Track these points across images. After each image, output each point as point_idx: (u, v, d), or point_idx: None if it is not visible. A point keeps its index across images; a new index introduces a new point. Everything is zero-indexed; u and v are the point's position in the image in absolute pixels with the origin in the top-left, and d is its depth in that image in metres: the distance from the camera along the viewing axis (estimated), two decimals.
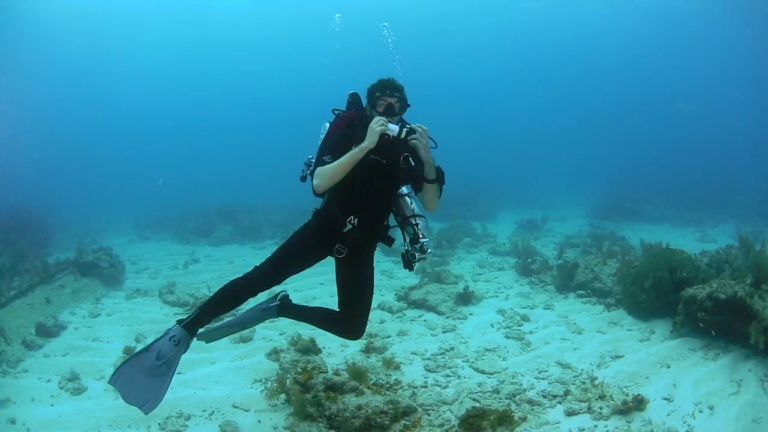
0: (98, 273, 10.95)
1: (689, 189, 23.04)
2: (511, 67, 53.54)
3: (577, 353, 7.00)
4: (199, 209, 19.76)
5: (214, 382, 6.12)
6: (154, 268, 12.76)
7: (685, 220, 18.82)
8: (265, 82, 57.89)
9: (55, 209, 19.59)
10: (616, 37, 42.59)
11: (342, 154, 4.24)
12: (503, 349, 7.19)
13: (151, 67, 51.01)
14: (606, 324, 8.13)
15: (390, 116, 4.33)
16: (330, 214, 4.48)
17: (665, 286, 8.06)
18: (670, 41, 40.73)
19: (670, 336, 7.42)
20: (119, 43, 42.32)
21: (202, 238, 16.91)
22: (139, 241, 17.40)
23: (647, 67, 46.31)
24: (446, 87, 56.38)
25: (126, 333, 8.03)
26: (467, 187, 22.09)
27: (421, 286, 9.57)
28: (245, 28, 41.29)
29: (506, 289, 10.39)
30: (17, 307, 8.69)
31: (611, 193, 23.18)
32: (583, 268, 9.93)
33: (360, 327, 4.83)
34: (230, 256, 14.40)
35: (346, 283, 4.80)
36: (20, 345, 7.31)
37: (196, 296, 9.45)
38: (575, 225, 18.53)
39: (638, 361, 6.61)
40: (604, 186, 26.44)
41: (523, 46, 47.17)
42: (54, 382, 6.18)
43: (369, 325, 8.00)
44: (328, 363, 6.51)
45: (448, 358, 6.85)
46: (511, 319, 8.32)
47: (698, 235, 16.55)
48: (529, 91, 57.15)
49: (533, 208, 21.52)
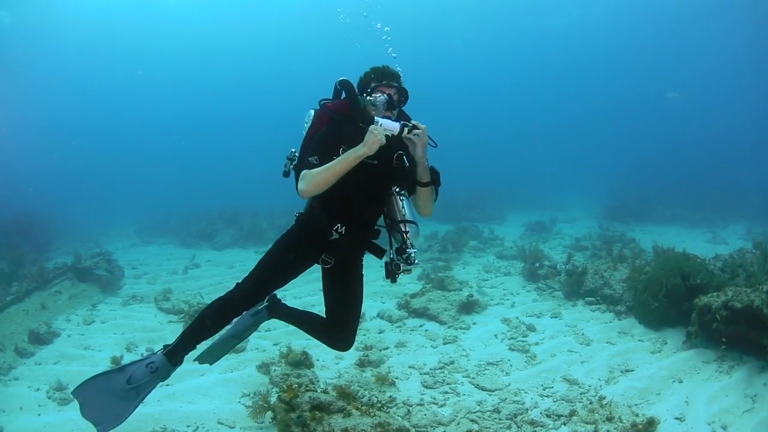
0: (96, 278, 10.75)
1: (698, 188, 22.87)
2: (516, 66, 53.07)
3: (584, 367, 6.66)
4: (202, 212, 19.59)
5: (201, 396, 5.88)
6: (153, 273, 12.58)
7: (695, 220, 18.51)
8: (271, 84, 57.79)
9: (59, 213, 19.59)
10: (622, 32, 42.04)
11: (329, 155, 3.84)
12: (506, 362, 6.84)
13: (156, 70, 51.17)
14: (616, 334, 7.77)
15: (389, 110, 3.89)
16: (314, 222, 4.07)
17: (678, 293, 7.71)
18: (676, 34, 40.14)
19: (682, 347, 7.08)
20: (123, 47, 42.45)
21: (204, 242, 16.70)
22: (141, 244, 17.28)
23: (655, 63, 45.68)
24: (451, 86, 56.13)
25: (118, 341, 7.85)
26: (474, 188, 21.98)
27: (423, 294, 9.22)
28: (252, 29, 41.16)
29: (512, 295, 10.06)
30: (12, 313, 8.58)
31: (620, 192, 23.00)
32: (592, 274, 9.57)
33: (348, 338, 4.42)
34: (231, 260, 14.16)
35: (333, 293, 4.40)
36: (12, 352, 7.22)
37: (191, 303, 9.18)
38: (584, 226, 18.24)
39: (649, 375, 6.28)
40: (613, 184, 26.42)
41: (529, 44, 46.75)
42: (42, 391, 6.08)
43: (366, 335, 7.77)
44: (321, 376, 6.22)
45: (448, 372, 6.50)
46: (517, 329, 7.96)
47: (709, 237, 16.22)
48: (535, 90, 56.80)
49: (542, 209, 21.38)
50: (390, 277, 4.09)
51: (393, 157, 4.00)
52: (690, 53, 42.93)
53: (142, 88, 54.53)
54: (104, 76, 48.86)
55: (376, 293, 10.03)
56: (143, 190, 32.20)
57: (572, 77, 53.48)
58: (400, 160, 4.01)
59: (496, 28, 43.25)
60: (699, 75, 45.92)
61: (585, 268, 9.86)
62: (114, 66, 47.48)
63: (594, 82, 53.22)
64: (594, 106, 55.73)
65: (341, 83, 4.17)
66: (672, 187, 23.43)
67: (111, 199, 28.49)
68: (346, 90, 4.11)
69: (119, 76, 50.45)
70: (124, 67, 48.41)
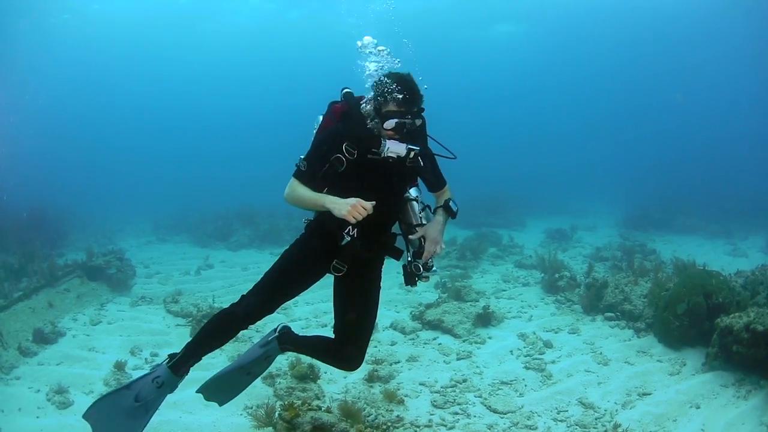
0: (106, 277, 10.64)
1: (717, 196, 22.70)
2: (539, 72, 52.56)
3: (601, 389, 6.38)
4: (219, 211, 19.39)
5: (203, 406, 5.61)
6: (165, 272, 12.47)
7: (714, 231, 18.22)
8: (293, 81, 57.69)
9: (75, 208, 19.55)
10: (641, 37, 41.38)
11: (325, 158, 3.79)
12: (521, 382, 6.57)
13: (179, 68, 51.25)
14: (635, 353, 7.47)
15: (399, 135, 3.71)
16: (324, 226, 3.89)
17: (700, 312, 7.40)
18: (697, 38, 39.41)
19: (701, 369, 6.80)
20: (140, 41, 42.54)
21: (220, 242, 16.57)
22: (156, 242, 17.23)
23: (676, 68, 44.94)
24: (473, 91, 55.80)
25: (122, 344, 7.72)
26: (495, 193, 21.74)
27: (438, 305, 8.94)
28: (276, 27, 41.16)
29: (530, 308, 9.77)
30: (19, 311, 8.43)
31: (640, 199, 22.82)
32: (612, 288, 9.26)
33: (356, 357, 4.20)
34: (246, 262, 13.98)
35: (345, 304, 4.18)
36: (15, 350, 7.11)
37: (201, 307, 8.99)
38: (605, 235, 17.95)
39: (667, 400, 6.01)
40: (633, 190, 26.37)
41: (549, 50, 46.26)
42: (43, 393, 5.97)
43: (378, 347, 7.53)
44: (327, 391, 6.02)
45: (459, 391, 6.24)
46: (533, 346, 7.68)
47: (729, 249, 15.97)
48: (555, 94, 56.28)
49: (562, 215, 21.19)
50: (410, 282, 4.00)
51: (406, 156, 3.78)
52: (712, 57, 42.20)
53: (166, 84, 54.83)
54: (128, 72, 49.17)
55: (390, 301, 9.82)
56: (163, 188, 32.28)
57: (593, 81, 52.90)
58: (415, 158, 3.81)
59: (514, 31, 42.86)
60: (719, 81, 45.29)
61: (605, 281, 9.57)
62: (138, 62, 47.69)
63: (614, 88, 52.61)
64: (613, 110, 55.14)
65: (345, 96, 4.05)
66: (691, 195, 23.20)
67: (130, 195, 28.60)
68: (349, 104, 3.97)
69: (143, 73, 50.73)
70: (148, 64, 48.60)
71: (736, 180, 28.02)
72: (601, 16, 37.54)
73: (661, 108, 50.01)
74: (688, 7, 33.30)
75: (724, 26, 34.88)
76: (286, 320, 8.84)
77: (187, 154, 49.66)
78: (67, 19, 34.61)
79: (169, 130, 55.74)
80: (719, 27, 35.47)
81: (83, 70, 44.40)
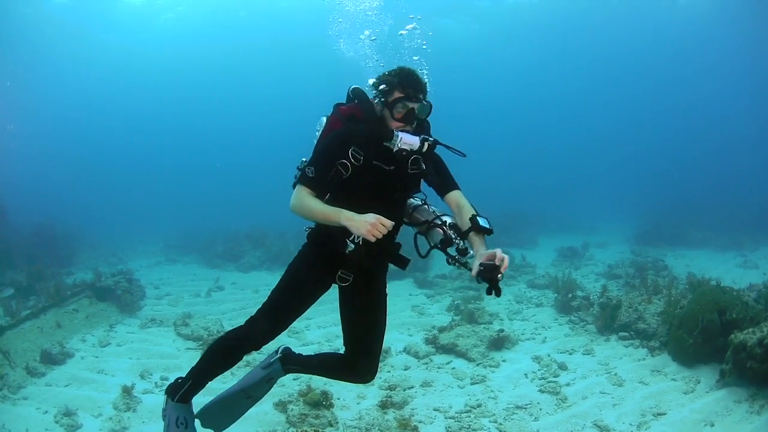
0: (115, 298, 10.57)
1: (726, 207, 22.56)
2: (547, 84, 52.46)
3: (616, 410, 6.28)
4: (229, 232, 19.36)
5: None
6: (176, 294, 12.38)
7: (725, 243, 18.09)
8: (304, 98, 57.86)
9: (84, 226, 19.54)
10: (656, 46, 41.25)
11: (330, 164, 3.67)
12: (536, 406, 6.45)
13: (188, 86, 51.38)
14: (649, 372, 7.37)
15: (410, 124, 3.67)
16: (327, 235, 3.78)
17: (713, 329, 7.30)
18: (694, 45, 39.21)
19: (715, 386, 6.69)
20: (150, 56, 42.73)
21: (230, 263, 16.50)
22: (166, 263, 17.17)
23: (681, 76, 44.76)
24: (478, 105, 55.74)
25: (132, 367, 7.66)
26: (506, 212, 21.64)
27: (451, 328, 8.83)
28: (287, 45, 41.30)
29: (544, 329, 9.65)
30: (27, 330, 8.39)
31: (650, 214, 22.78)
32: (626, 307, 9.13)
33: (370, 368, 4.11)
34: (257, 284, 13.83)
35: (353, 314, 4.10)
36: (23, 370, 7.08)
37: (211, 331, 8.94)
38: (616, 251, 17.80)
39: (681, 419, 5.94)
40: (642, 204, 26.44)
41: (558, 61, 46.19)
42: (51, 414, 5.94)
43: (391, 372, 7.41)
44: (340, 417, 5.92)
45: (474, 417, 6.11)
46: (548, 368, 7.56)
47: (740, 261, 15.87)
48: (565, 107, 56.17)
49: (573, 233, 21.14)
50: (453, 262, 3.73)
51: (408, 162, 3.74)
52: (715, 65, 42.03)
53: (177, 104, 55.01)
54: (138, 88, 49.36)
55: (403, 325, 9.71)
56: (172, 206, 32.32)
57: (595, 96, 52.77)
58: (417, 165, 3.75)
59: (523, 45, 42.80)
60: (723, 90, 45.13)
61: (619, 301, 9.44)
62: (148, 80, 47.91)
63: (617, 101, 52.45)
64: (617, 123, 54.89)
65: (354, 92, 3.96)
66: (700, 207, 23.28)
67: (139, 214, 28.61)
68: (359, 100, 3.88)
69: (152, 90, 50.92)
70: (157, 82, 48.81)
71: (745, 190, 28.08)
72: (600, 25, 37.53)
73: (666, 119, 49.95)
74: (697, 11, 33.32)
75: (726, 29, 34.68)
76: (299, 344, 8.79)
77: (196, 172, 49.75)
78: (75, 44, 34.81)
79: (178, 148, 55.87)
80: (720, 30, 35.28)
81: (91, 86, 44.63)
